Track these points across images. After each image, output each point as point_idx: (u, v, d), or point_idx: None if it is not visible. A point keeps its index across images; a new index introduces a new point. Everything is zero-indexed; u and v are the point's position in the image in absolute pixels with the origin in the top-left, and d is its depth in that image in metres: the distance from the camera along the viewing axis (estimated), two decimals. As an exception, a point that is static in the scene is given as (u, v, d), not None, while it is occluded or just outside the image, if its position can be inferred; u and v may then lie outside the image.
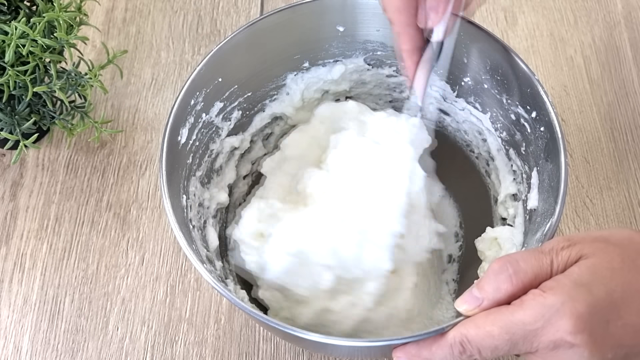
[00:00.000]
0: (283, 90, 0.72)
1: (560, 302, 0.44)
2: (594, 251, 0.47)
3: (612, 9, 0.89)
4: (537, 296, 0.45)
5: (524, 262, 0.47)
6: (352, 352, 0.59)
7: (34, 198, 0.78)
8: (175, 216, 0.57)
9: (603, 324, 0.45)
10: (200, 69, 0.63)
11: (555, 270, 0.47)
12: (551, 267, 0.47)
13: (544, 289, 0.46)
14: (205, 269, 0.55)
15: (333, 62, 0.71)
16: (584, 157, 0.79)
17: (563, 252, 0.47)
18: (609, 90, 0.83)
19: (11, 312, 0.72)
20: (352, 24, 0.68)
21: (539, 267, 0.47)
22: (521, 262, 0.47)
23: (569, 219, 0.76)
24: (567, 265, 0.47)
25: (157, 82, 0.85)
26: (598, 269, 0.46)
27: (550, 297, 0.45)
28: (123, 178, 0.79)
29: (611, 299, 0.45)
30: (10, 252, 0.75)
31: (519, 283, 0.46)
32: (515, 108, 0.65)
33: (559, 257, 0.47)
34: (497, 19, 0.89)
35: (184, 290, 0.73)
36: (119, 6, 0.91)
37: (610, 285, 0.45)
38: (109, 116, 0.83)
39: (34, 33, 0.65)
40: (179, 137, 0.63)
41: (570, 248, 0.47)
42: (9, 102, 0.71)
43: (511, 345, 0.46)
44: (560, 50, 0.87)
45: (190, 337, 0.70)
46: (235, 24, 0.90)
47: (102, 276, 0.74)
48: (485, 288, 0.47)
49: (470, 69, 0.68)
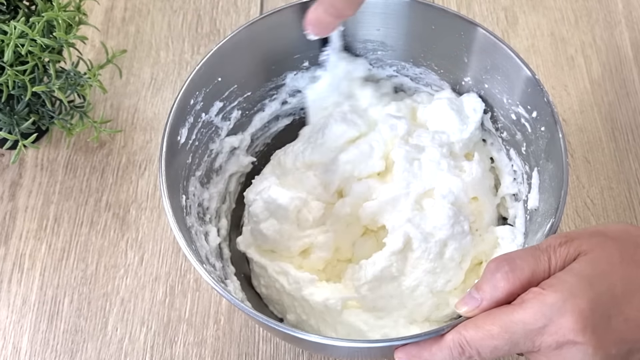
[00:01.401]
0: (283, 90, 0.72)
1: (561, 300, 0.44)
2: (592, 247, 0.47)
3: (612, 9, 0.89)
4: (537, 294, 0.45)
5: (520, 260, 0.47)
6: (352, 352, 0.59)
7: (33, 198, 0.78)
8: (175, 216, 0.57)
9: (605, 319, 0.44)
10: (200, 68, 0.63)
11: (553, 267, 0.47)
12: (549, 264, 0.47)
13: (544, 286, 0.45)
14: (204, 270, 0.55)
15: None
16: (585, 157, 0.79)
17: (561, 249, 0.47)
18: (610, 90, 0.83)
19: (10, 313, 0.72)
20: (352, 23, 0.68)
21: (535, 264, 0.47)
22: (517, 259, 0.47)
23: (570, 219, 0.76)
24: (565, 262, 0.47)
25: (156, 81, 0.85)
26: (598, 264, 0.46)
27: (551, 295, 0.44)
28: (122, 178, 0.79)
29: (612, 293, 0.45)
30: (9, 253, 0.75)
31: (515, 281, 0.46)
32: (516, 108, 0.65)
33: (557, 253, 0.47)
34: (498, 19, 0.89)
35: (184, 290, 0.73)
36: (118, 6, 0.91)
37: (611, 280, 0.45)
38: (108, 116, 0.82)
39: (33, 32, 0.65)
40: (178, 136, 0.62)
41: (568, 244, 0.47)
42: (8, 102, 0.71)
43: (512, 345, 0.46)
44: (561, 50, 0.86)
45: (189, 337, 0.70)
46: (235, 24, 0.89)
47: (101, 276, 0.73)
48: (483, 288, 0.47)
49: (470, 68, 0.68)
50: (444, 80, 0.71)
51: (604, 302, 0.45)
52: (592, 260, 0.46)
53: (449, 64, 0.69)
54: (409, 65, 0.71)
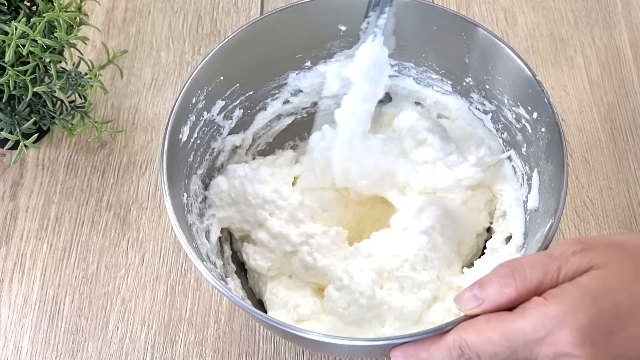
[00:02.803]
0: (285, 89, 0.72)
1: (562, 312, 0.44)
2: (606, 262, 0.46)
3: (612, 9, 0.89)
4: (539, 305, 0.45)
5: (530, 270, 0.46)
6: (352, 351, 0.59)
7: (34, 198, 0.78)
8: (176, 214, 0.57)
9: (606, 335, 0.44)
10: (202, 67, 0.63)
11: (562, 278, 0.46)
12: (558, 274, 0.46)
13: (548, 297, 0.45)
14: (205, 268, 0.55)
15: (335, 62, 0.71)
16: (584, 157, 0.79)
17: (574, 259, 0.46)
18: (609, 90, 0.83)
19: (11, 312, 0.72)
20: (353, 23, 0.68)
21: (544, 274, 0.46)
22: (527, 269, 0.46)
23: (569, 219, 0.76)
24: (576, 273, 0.46)
25: (157, 82, 0.85)
26: (608, 280, 0.45)
27: (553, 307, 0.44)
28: (123, 178, 0.79)
29: (617, 311, 0.45)
30: (10, 252, 0.75)
31: (522, 290, 0.46)
32: (517, 109, 0.65)
33: (569, 264, 0.46)
34: (497, 19, 0.89)
35: (184, 290, 0.73)
36: (119, 6, 0.91)
37: (618, 297, 0.45)
38: (109, 116, 0.83)
39: (34, 33, 0.65)
40: (180, 135, 0.63)
41: (582, 255, 0.46)
42: (9, 102, 0.71)
43: (511, 352, 0.46)
44: (560, 51, 0.87)
45: (190, 337, 0.70)
46: (235, 24, 0.90)
47: (102, 276, 0.74)
48: (488, 290, 0.47)
49: (471, 69, 0.68)
50: (445, 80, 0.71)
51: (606, 319, 0.44)
52: (603, 276, 0.45)
53: (450, 65, 0.69)
54: (411, 65, 0.71)
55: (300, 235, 0.65)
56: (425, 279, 0.63)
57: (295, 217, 0.66)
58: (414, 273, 0.63)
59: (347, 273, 0.63)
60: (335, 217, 0.68)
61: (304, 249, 0.65)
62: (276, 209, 0.66)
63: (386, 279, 0.64)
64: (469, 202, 0.68)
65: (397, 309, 0.62)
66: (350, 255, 0.65)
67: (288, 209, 0.66)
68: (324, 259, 0.65)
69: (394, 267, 0.63)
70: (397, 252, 0.63)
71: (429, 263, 0.63)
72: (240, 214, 0.67)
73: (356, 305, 0.62)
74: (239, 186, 0.67)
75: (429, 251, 0.63)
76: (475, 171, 0.66)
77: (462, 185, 0.67)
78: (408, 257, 0.63)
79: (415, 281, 0.63)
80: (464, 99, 0.71)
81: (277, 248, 0.66)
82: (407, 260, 0.63)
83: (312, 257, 0.65)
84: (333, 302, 0.63)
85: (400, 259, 0.63)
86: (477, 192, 0.69)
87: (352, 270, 0.63)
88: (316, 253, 0.65)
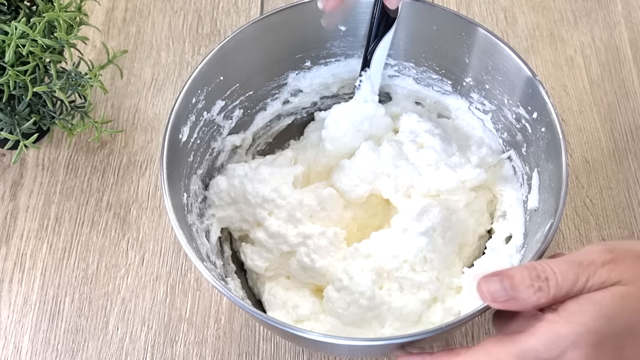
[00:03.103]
0: (285, 89, 0.72)
1: (576, 333, 0.44)
2: (634, 279, 0.46)
3: (612, 9, 0.89)
4: (550, 323, 0.45)
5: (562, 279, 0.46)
6: (352, 351, 0.59)
7: (34, 198, 0.78)
8: (176, 214, 0.57)
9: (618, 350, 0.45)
10: (202, 67, 0.63)
11: (587, 288, 0.46)
12: (585, 285, 0.46)
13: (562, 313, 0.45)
14: (205, 268, 0.55)
15: (335, 62, 0.72)
16: (584, 157, 0.79)
17: (602, 271, 0.46)
18: (609, 90, 0.83)
19: (11, 312, 0.72)
20: (354, 23, 0.68)
21: (573, 285, 0.46)
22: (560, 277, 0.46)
23: (569, 218, 0.76)
24: (601, 286, 0.46)
25: (157, 82, 0.85)
26: (630, 300, 0.45)
27: (566, 327, 0.44)
28: (123, 178, 0.79)
29: (631, 330, 0.45)
30: (10, 252, 0.75)
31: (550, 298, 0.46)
32: (517, 109, 0.65)
33: (596, 275, 0.46)
34: (497, 19, 0.89)
35: (184, 290, 0.73)
36: (119, 6, 0.91)
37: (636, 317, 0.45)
38: (109, 116, 0.83)
39: (34, 33, 0.65)
40: (180, 135, 0.63)
41: (611, 268, 0.46)
42: (9, 102, 0.71)
43: None
44: (560, 51, 0.87)
45: (190, 337, 0.70)
46: (236, 24, 0.90)
47: (102, 276, 0.74)
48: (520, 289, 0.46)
49: (471, 69, 0.68)
50: (445, 80, 0.71)
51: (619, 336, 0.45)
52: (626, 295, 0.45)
53: (450, 65, 0.69)
54: (411, 65, 0.71)
55: (297, 235, 0.65)
56: (424, 279, 0.63)
57: (294, 216, 0.66)
58: (413, 274, 0.63)
59: (347, 274, 0.63)
60: (333, 217, 0.68)
61: (302, 250, 0.65)
62: (275, 208, 0.66)
63: (385, 280, 0.63)
64: (471, 205, 0.68)
65: (397, 310, 0.62)
66: (349, 256, 0.65)
67: (287, 208, 0.66)
68: (321, 260, 0.65)
69: (394, 267, 0.63)
70: (397, 252, 0.63)
71: (429, 264, 0.63)
72: (239, 213, 0.67)
73: (356, 305, 0.62)
74: (239, 185, 0.67)
75: (428, 252, 0.63)
76: (478, 172, 0.66)
77: (465, 187, 0.67)
78: (407, 258, 0.63)
79: (415, 282, 0.63)
80: (464, 99, 0.71)
81: (274, 248, 0.66)
82: (407, 261, 0.63)
83: (310, 258, 0.65)
84: (333, 303, 0.63)
85: (400, 259, 0.63)
86: (479, 193, 0.69)
87: (352, 271, 0.63)
88: (314, 254, 0.65)
